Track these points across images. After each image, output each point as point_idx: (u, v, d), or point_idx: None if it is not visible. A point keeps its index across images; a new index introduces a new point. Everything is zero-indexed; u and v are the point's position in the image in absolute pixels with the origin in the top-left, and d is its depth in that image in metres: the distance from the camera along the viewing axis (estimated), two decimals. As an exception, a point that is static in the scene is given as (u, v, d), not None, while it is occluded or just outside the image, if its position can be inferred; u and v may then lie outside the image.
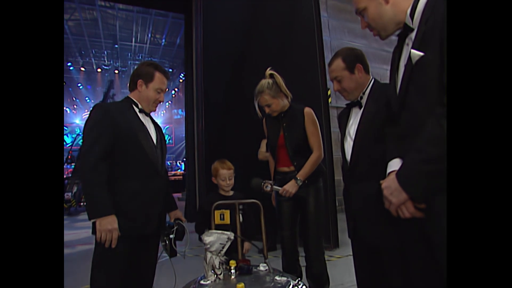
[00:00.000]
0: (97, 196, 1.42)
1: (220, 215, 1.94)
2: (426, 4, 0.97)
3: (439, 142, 0.83)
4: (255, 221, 2.05)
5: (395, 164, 1.08)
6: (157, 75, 1.66)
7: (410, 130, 1.00)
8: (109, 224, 1.41)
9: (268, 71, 2.08)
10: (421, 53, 0.93)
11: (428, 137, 0.87)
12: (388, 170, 1.10)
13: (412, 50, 0.95)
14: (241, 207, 2.03)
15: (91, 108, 1.60)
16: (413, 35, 1.00)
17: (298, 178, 1.97)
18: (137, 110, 1.65)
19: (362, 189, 1.40)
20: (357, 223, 1.48)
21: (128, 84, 1.76)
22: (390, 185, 0.99)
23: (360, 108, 1.50)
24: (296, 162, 2.03)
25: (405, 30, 1.04)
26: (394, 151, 1.12)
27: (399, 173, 0.97)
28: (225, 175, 2.12)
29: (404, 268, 1.18)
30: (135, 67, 1.82)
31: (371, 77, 1.56)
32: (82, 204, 8.91)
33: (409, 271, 1.14)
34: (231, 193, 2.15)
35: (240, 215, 2.05)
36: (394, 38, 1.13)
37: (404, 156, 1.02)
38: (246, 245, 1.95)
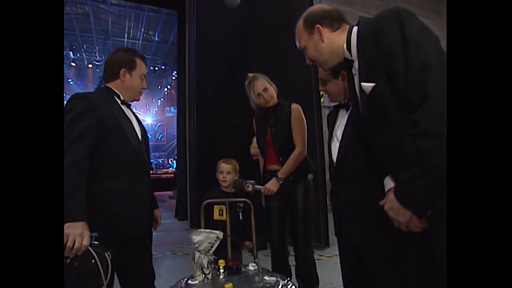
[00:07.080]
0: (72, 199, 1.23)
1: (219, 210, 1.94)
2: (357, 38, 1.04)
3: (421, 159, 0.89)
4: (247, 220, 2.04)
5: (389, 182, 1.11)
6: (138, 61, 1.56)
7: (386, 153, 1.07)
8: (79, 227, 1.21)
9: (250, 75, 2.12)
10: (372, 84, 0.99)
11: (410, 156, 0.92)
12: (386, 188, 1.13)
13: (363, 84, 1.01)
14: (241, 205, 2.03)
15: (69, 98, 1.42)
16: (356, 65, 1.06)
17: (279, 175, 1.94)
18: (119, 101, 1.53)
19: (345, 190, 1.41)
20: (341, 222, 1.49)
21: (103, 74, 1.59)
22: (392, 206, 1.01)
23: (347, 110, 1.51)
24: (282, 158, 2.00)
25: (347, 62, 1.11)
26: (375, 173, 1.17)
27: (396, 194, 1.00)
28: (223, 168, 2.12)
29: (384, 267, 1.21)
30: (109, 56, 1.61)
31: None
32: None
33: (389, 270, 1.18)
34: (233, 190, 2.10)
35: (240, 213, 2.04)
36: None
37: (392, 175, 1.08)
38: (248, 243, 1.95)
